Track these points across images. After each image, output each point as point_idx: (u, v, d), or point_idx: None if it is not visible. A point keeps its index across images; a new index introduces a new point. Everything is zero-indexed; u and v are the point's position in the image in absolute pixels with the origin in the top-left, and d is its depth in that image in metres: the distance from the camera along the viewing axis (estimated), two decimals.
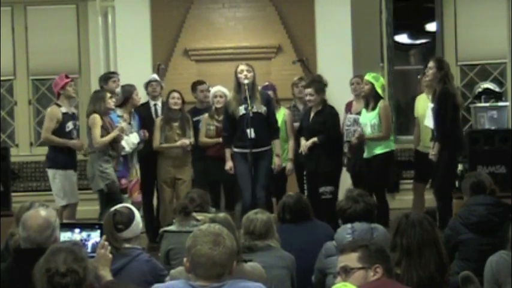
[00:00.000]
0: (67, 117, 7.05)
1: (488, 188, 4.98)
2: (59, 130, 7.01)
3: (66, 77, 7.19)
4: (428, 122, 6.78)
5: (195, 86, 7.83)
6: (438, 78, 6.53)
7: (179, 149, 7.30)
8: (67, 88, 7.08)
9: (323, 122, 6.94)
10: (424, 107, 7.22)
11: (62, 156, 7.02)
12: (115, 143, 6.77)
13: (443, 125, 6.46)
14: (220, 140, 7.10)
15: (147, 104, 7.71)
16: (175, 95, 7.38)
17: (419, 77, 7.47)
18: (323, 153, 6.90)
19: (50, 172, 7.09)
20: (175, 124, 7.35)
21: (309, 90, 7.00)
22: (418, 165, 7.52)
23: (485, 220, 4.71)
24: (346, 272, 2.94)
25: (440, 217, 6.30)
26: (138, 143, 7.15)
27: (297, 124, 7.44)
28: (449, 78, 6.57)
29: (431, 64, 6.59)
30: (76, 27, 9.78)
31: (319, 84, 7.06)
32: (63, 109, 7.06)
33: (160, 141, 7.30)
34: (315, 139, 6.88)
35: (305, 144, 6.94)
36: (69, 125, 7.03)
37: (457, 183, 6.64)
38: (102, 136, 6.72)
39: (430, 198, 7.49)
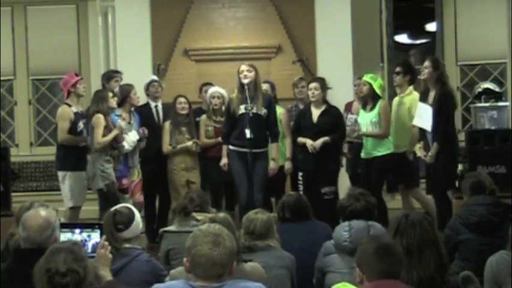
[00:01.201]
0: (78, 116, 7.03)
1: (488, 188, 4.97)
2: (72, 130, 6.98)
3: (76, 75, 7.18)
4: (418, 121, 6.66)
5: (201, 87, 7.94)
6: (434, 78, 6.53)
7: (189, 153, 7.33)
8: (77, 86, 7.05)
9: (333, 123, 6.92)
10: (394, 107, 7.16)
11: (73, 158, 6.99)
12: (117, 143, 6.76)
13: (444, 126, 6.45)
14: (220, 139, 7.10)
15: (147, 105, 7.68)
16: (182, 100, 7.39)
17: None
18: (332, 152, 6.90)
19: (60, 174, 7.05)
20: (184, 128, 7.37)
21: (314, 84, 6.97)
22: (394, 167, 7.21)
23: (485, 220, 4.71)
24: None
25: (439, 217, 6.29)
26: (138, 141, 7.13)
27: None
28: (446, 78, 6.57)
29: (427, 63, 6.59)
30: (76, 27, 9.78)
31: (323, 81, 7.06)
32: (74, 108, 7.04)
33: (172, 144, 7.30)
34: (326, 138, 6.82)
35: (313, 143, 6.84)
36: (80, 125, 7.01)
37: (457, 183, 6.63)
38: (104, 136, 6.70)
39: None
